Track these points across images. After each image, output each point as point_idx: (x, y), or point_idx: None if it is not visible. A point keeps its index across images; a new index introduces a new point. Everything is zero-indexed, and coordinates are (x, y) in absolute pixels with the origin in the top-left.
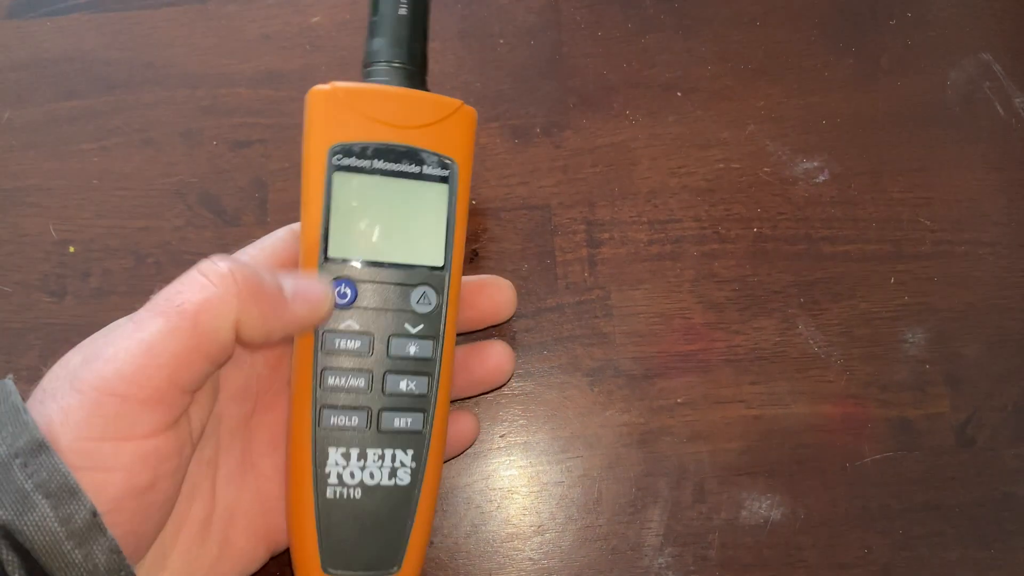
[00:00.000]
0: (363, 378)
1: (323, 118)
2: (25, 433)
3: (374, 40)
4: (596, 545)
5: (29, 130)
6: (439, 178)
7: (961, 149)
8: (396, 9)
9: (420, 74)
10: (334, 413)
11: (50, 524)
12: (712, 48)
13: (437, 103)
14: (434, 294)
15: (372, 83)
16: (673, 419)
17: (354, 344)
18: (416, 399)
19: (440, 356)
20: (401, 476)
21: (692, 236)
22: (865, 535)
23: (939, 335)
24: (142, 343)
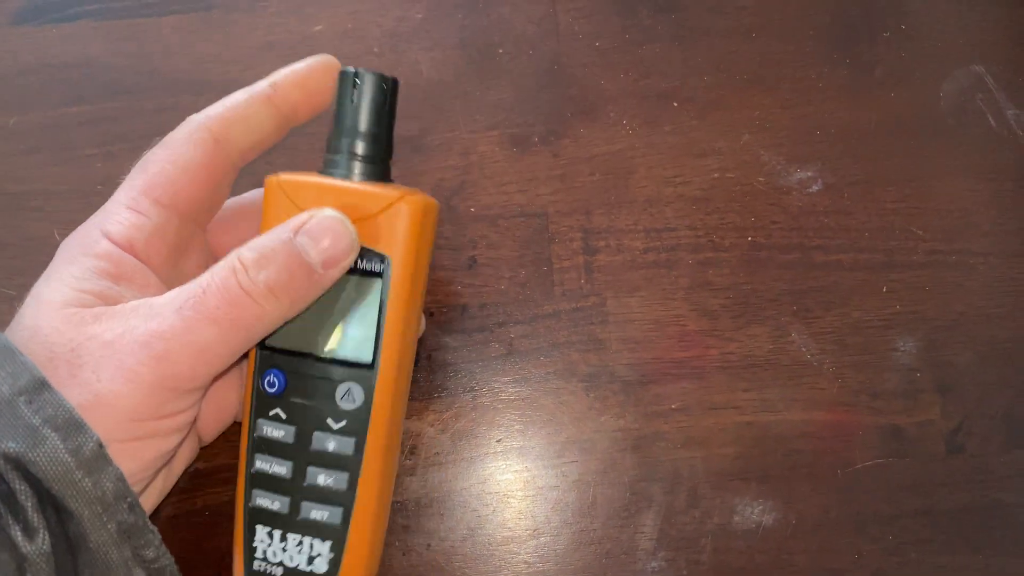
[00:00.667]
0: (285, 467)
1: (269, 209)
2: (25, 372)
3: (333, 126)
4: (591, 549)
5: (34, 135)
6: (371, 273)
7: (953, 160)
8: (350, 99)
9: (377, 163)
10: (260, 494)
11: (61, 455)
12: (708, 59)
13: (374, 197)
14: (360, 392)
15: (322, 175)
16: (667, 425)
17: (279, 433)
18: (335, 494)
19: (362, 454)
20: (318, 565)
21: (687, 244)
22: (856, 541)
23: (930, 343)
24: (198, 345)
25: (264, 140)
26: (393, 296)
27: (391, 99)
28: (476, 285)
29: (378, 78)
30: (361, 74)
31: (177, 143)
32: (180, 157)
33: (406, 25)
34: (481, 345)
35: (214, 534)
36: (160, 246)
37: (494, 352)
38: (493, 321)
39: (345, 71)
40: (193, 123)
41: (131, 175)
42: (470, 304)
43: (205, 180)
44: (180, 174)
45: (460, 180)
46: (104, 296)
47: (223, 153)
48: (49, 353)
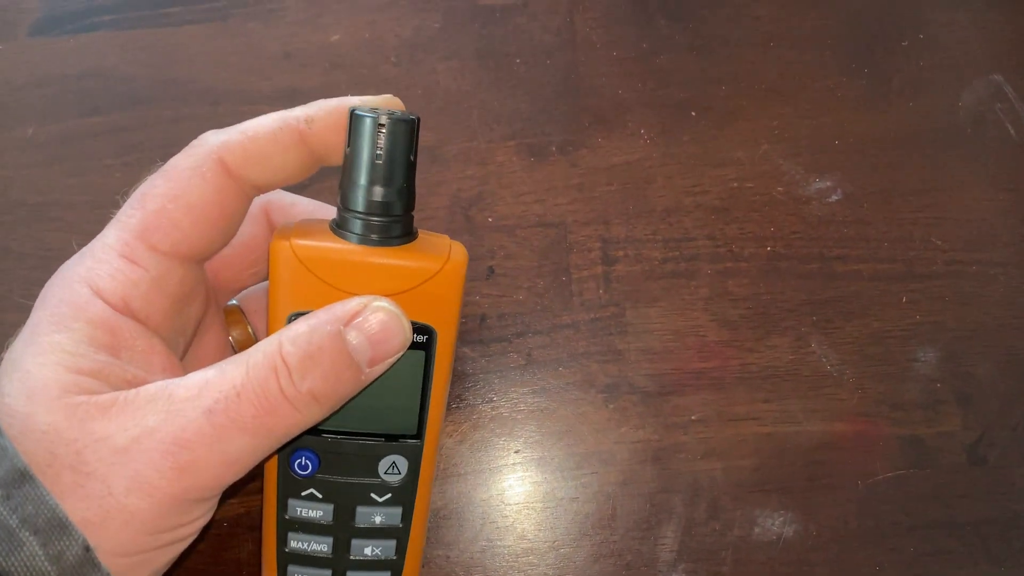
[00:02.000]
0: (326, 544)
1: (283, 280)
2: (5, 462)
3: (345, 181)
4: (610, 561)
5: (52, 146)
6: (416, 345)
7: (972, 169)
8: (369, 145)
9: (401, 223)
10: (298, 570)
11: (40, 563)
12: (726, 68)
13: (415, 271)
14: (405, 463)
15: (338, 239)
16: (687, 436)
17: (315, 514)
18: (383, 563)
19: (411, 521)
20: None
21: (706, 254)
22: (876, 552)
23: (950, 354)
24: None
25: (288, 179)
26: (437, 366)
27: (416, 143)
28: (494, 295)
29: (406, 124)
30: (386, 120)
31: (183, 174)
32: (185, 193)
33: (423, 35)
34: (499, 355)
35: (231, 545)
36: (160, 301)
37: (512, 363)
38: (511, 331)
39: (362, 114)
40: (204, 149)
41: (126, 208)
42: (488, 314)
43: (214, 221)
44: (183, 215)
45: (478, 190)
46: (104, 375)
47: (237, 189)
48: (49, 456)
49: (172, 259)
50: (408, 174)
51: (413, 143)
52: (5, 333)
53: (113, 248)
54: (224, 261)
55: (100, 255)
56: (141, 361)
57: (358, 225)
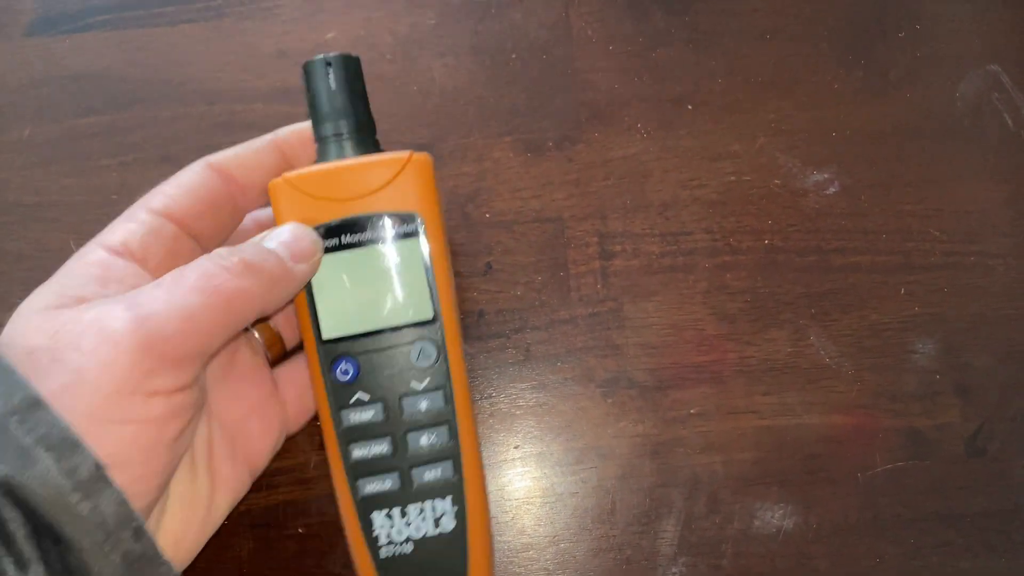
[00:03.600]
0: (385, 443)
1: (284, 210)
2: (18, 391)
3: (314, 117)
4: (610, 555)
5: (49, 146)
6: (408, 234)
7: (970, 161)
8: (327, 84)
9: (367, 136)
10: (368, 481)
11: (54, 477)
12: (722, 62)
13: (385, 163)
14: (432, 347)
15: (321, 163)
16: (686, 430)
17: (368, 415)
18: (441, 449)
19: (453, 402)
20: (445, 523)
21: (704, 248)
22: (876, 544)
23: (949, 346)
24: (183, 311)
25: (263, 177)
26: (433, 248)
27: (361, 76)
28: (492, 291)
29: (346, 58)
30: (331, 58)
31: (178, 173)
32: (179, 180)
33: (419, 31)
34: (498, 351)
35: (232, 544)
36: (155, 247)
37: (511, 358)
38: (510, 327)
39: (312, 61)
40: (195, 163)
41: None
42: (487, 310)
43: (203, 198)
44: (176, 190)
45: (475, 186)
46: (88, 299)
47: (226, 182)
48: (28, 348)
49: (166, 218)
50: (360, 98)
51: (358, 73)
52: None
53: (120, 218)
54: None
55: (110, 226)
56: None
57: (331, 147)
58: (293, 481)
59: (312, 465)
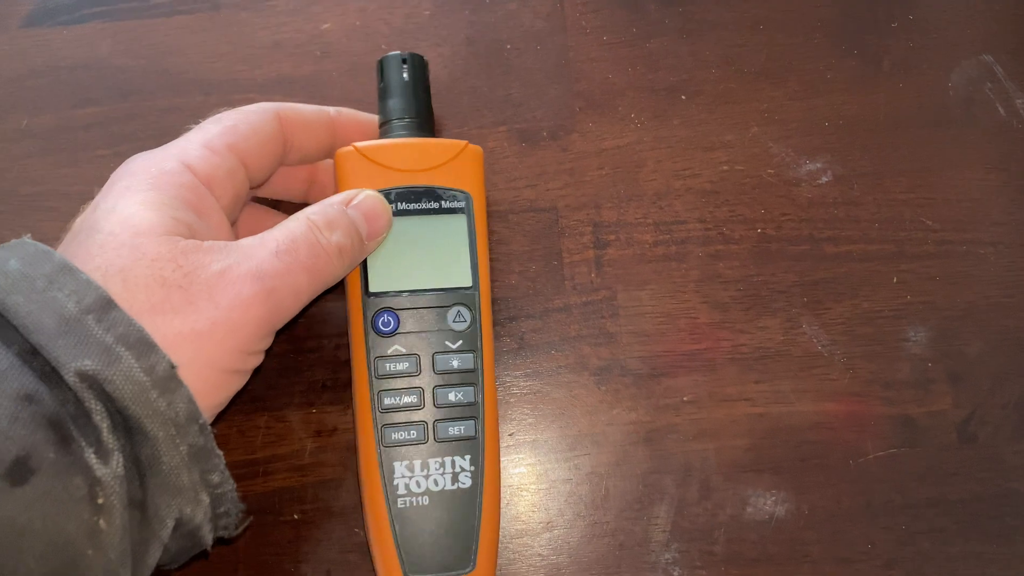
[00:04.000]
0: (415, 395)
1: (350, 174)
2: (90, 291)
3: (384, 102)
4: (604, 541)
5: (46, 137)
6: (457, 209)
7: (963, 150)
8: (400, 75)
9: (428, 125)
10: (394, 430)
11: (137, 374)
12: (716, 52)
13: (445, 146)
14: (467, 311)
15: (387, 139)
16: (679, 417)
17: (403, 366)
18: (466, 408)
19: (481, 365)
20: (463, 480)
21: (697, 237)
22: (869, 530)
23: (941, 333)
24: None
25: (315, 152)
26: (477, 224)
27: (427, 74)
28: None
29: (419, 57)
30: (407, 56)
31: (249, 111)
32: (251, 121)
33: (414, 22)
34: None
35: None
36: (230, 191)
37: (505, 346)
38: (504, 316)
39: (391, 55)
40: (266, 105)
41: (203, 125)
42: None
43: (265, 144)
44: (252, 134)
45: None
46: (193, 229)
47: (284, 136)
48: (160, 278)
49: (241, 162)
50: (426, 92)
51: (425, 72)
52: None
53: (197, 142)
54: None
55: (184, 145)
56: (216, 228)
57: (398, 126)
58: (289, 468)
59: (308, 452)
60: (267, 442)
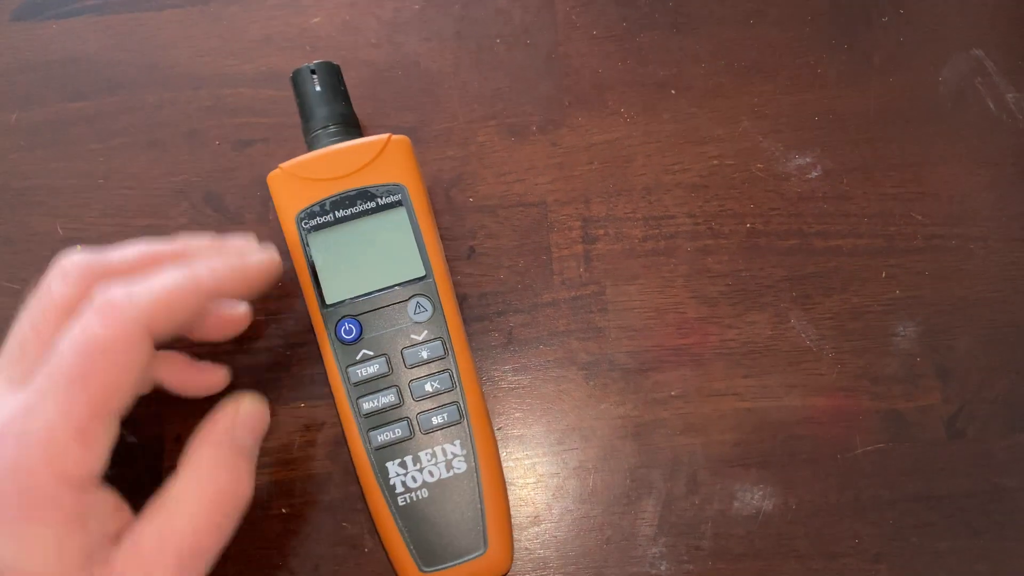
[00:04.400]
0: (392, 393)
1: (283, 195)
2: None
3: (304, 116)
4: (591, 535)
5: (36, 131)
6: (394, 204)
7: (953, 145)
8: (312, 86)
9: (352, 128)
10: (379, 432)
11: None
12: (706, 46)
13: (368, 145)
14: (427, 301)
15: (311, 152)
16: (667, 412)
17: (374, 368)
18: (444, 394)
19: (452, 350)
20: (457, 465)
21: (686, 232)
22: (856, 525)
23: (930, 328)
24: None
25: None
26: (418, 213)
27: (341, 78)
28: (475, 275)
29: (329, 64)
30: (315, 66)
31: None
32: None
33: (404, 16)
34: (480, 334)
35: None
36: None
37: (494, 341)
38: (492, 310)
39: (299, 69)
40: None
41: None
42: (469, 294)
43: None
44: (128, 388)
45: (459, 171)
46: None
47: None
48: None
49: (116, 415)
50: (342, 97)
51: (338, 75)
52: None
53: (67, 432)
54: None
55: (56, 441)
56: (107, 519)
57: (322, 135)
58: (277, 462)
59: (296, 446)
60: None
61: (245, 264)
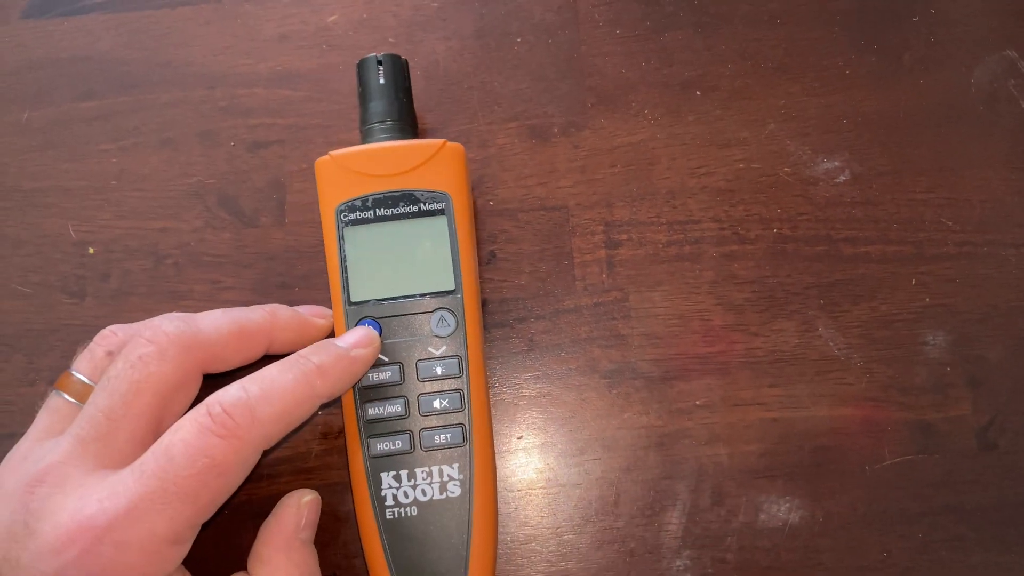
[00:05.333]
0: (399, 404)
1: (327, 183)
2: None
3: (363, 106)
4: (614, 547)
5: (47, 131)
6: (437, 211)
7: (985, 148)
8: (376, 78)
9: (408, 127)
10: (380, 440)
11: None
12: (732, 46)
13: (421, 147)
14: (451, 316)
15: (366, 143)
16: (691, 421)
17: (386, 375)
18: (452, 415)
19: (467, 371)
20: (451, 489)
21: (711, 237)
22: (884, 538)
23: (961, 337)
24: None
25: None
26: (459, 225)
27: (407, 74)
28: (496, 280)
29: (395, 57)
30: (382, 57)
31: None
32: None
33: (422, 14)
34: (501, 341)
35: (233, 532)
36: None
37: (514, 348)
38: (513, 316)
39: (366, 58)
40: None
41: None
42: (490, 299)
43: None
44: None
45: (479, 173)
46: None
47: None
48: None
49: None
50: (404, 93)
51: (404, 71)
52: (3, 320)
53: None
54: None
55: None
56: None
57: (378, 130)
58: (294, 471)
59: (313, 455)
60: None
61: (353, 361)
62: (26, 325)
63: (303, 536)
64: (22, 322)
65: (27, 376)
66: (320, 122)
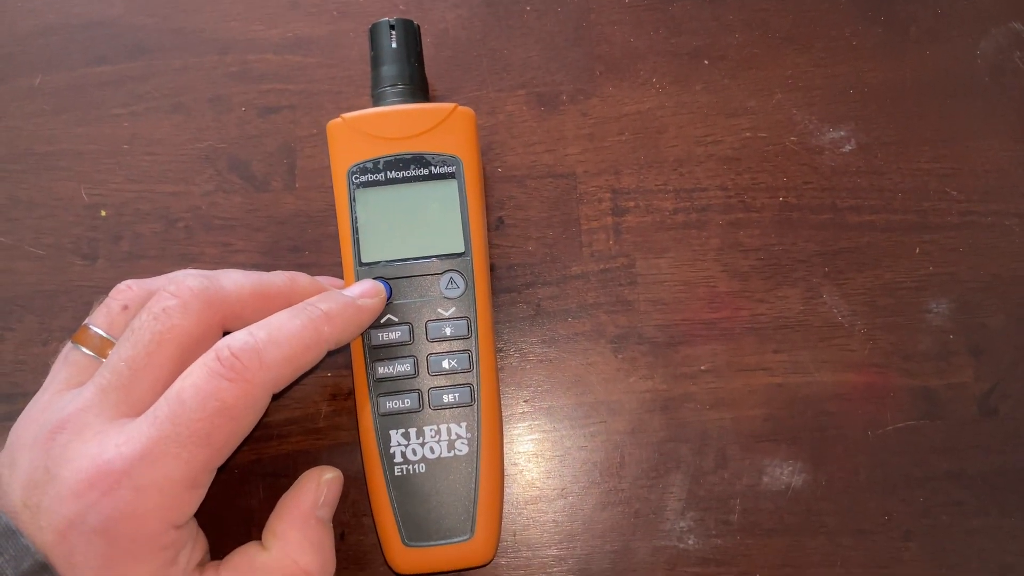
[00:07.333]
0: (409, 363)
1: (339, 146)
2: (27, 557)
3: (375, 70)
4: (618, 509)
5: (60, 95)
6: (447, 175)
7: (990, 119)
8: (389, 41)
9: (420, 91)
10: (389, 399)
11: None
12: (740, 16)
13: (433, 111)
14: (460, 278)
15: (378, 107)
16: (696, 386)
17: (395, 335)
18: (460, 375)
19: (476, 332)
20: (459, 447)
21: (718, 205)
22: (886, 502)
23: (963, 305)
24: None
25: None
26: (469, 189)
27: (419, 39)
28: (504, 246)
29: (409, 22)
30: (395, 22)
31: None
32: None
33: None
34: (508, 306)
35: (242, 492)
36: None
37: (522, 313)
38: (521, 282)
39: (379, 23)
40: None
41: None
42: (498, 265)
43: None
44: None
45: (487, 140)
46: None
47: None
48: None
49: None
50: (416, 57)
51: (416, 36)
52: (17, 281)
53: (183, 485)
54: None
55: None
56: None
57: (390, 93)
58: (304, 431)
59: (322, 416)
60: (281, 405)
61: (359, 310)
62: (39, 286)
63: (321, 514)
64: (35, 283)
65: (40, 336)
66: (331, 88)
